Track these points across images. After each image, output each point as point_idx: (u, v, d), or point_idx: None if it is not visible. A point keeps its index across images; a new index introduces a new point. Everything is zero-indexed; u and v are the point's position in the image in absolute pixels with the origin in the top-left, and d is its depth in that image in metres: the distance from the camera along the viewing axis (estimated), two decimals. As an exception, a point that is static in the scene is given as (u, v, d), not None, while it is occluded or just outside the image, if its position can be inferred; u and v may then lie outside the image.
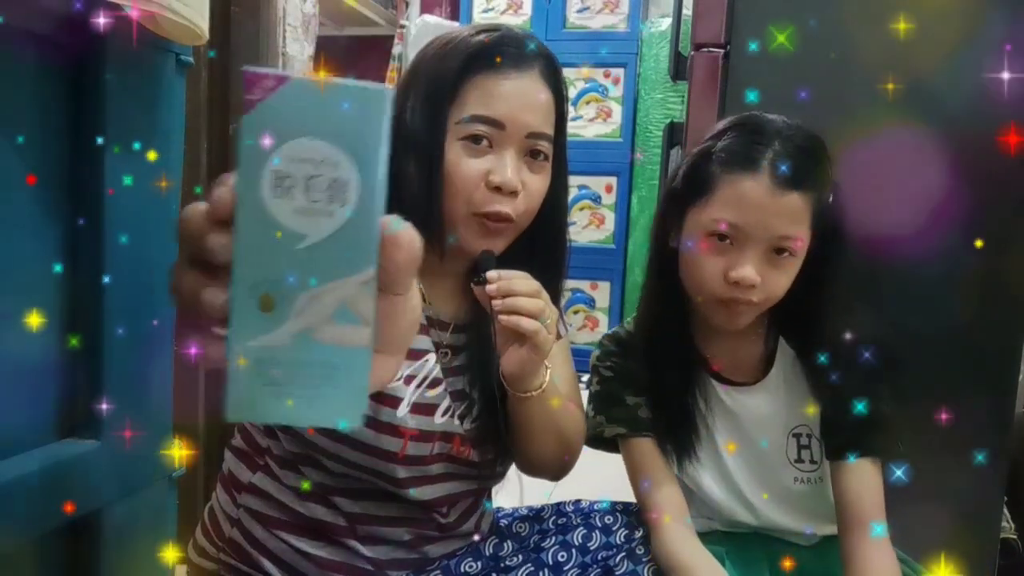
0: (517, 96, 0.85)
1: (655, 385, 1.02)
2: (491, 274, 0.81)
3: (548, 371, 0.88)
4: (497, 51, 0.85)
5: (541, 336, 0.81)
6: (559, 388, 0.92)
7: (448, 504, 0.91)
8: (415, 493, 0.87)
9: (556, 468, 0.97)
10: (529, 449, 0.93)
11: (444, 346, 0.91)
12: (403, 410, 0.84)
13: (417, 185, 0.84)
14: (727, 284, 0.92)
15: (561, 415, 0.92)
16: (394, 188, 0.84)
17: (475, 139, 0.84)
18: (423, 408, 0.86)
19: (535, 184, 0.87)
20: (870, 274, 1.29)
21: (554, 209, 0.92)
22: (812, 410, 0.99)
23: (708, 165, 0.95)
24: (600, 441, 1.05)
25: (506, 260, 0.86)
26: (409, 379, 0.85)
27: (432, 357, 0.88)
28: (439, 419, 0.87)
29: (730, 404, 1.01)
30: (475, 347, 0.93)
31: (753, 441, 1.01)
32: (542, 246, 0.93)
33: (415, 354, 0.87)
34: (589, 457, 1.03)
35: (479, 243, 0.86)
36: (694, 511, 1.02)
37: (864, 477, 0.96)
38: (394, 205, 0.87)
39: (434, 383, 0.87)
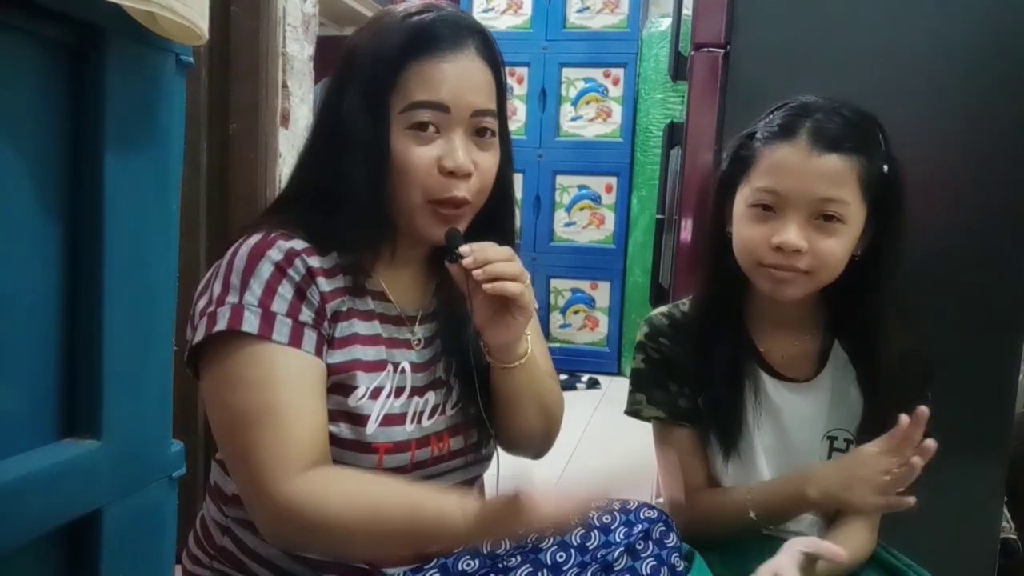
0: (458, 76, 0.84)
1: (704, 372, 1.02)
2: (463, 248, 0.82)
3: (528, 338, 0.90)
4: (432, 33, 0.84)
5: (527, 296, 0.83)
6: (539, 361, 0.94)
7: None
8: None
9: (540, 441, 0.99)
10: (514, 423, 0.94)
11: (416, 338, 0.91)
12: (372, 426, 0.83)
13: (365, 181, 0.83)
14: (772, 251, 0.92)
15: (543, 384, 0.94)
16: (338, 185, 0.84)
17: (421, 126, 0.83)
18: (393, 419, 0.85)
19: (486, 161, 0.87)
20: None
21: (502, 183, 0.92)
22: (854, 415, 0.99)
23: (751, 143, 0.97)
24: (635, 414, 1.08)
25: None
26: (376, 392, 0.85)
27: (390, 367, 0.87)
28: (409, 427, 0.86)
29: (777, 400, 1.01)
30: (446, 332, 0.93)
31: (789, 439, 1.00)
32: (495, 221, 0.92)
33: (376, 366, 0.86)
34: (588, 456, 1.03)
35: (437, 230, 0.85)
36: None
37: None
38: (340, 204, 0.86)
39: (398, 392, 0.87)
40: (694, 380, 1.02)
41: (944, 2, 1.30)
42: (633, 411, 1.07)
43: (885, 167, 0.95)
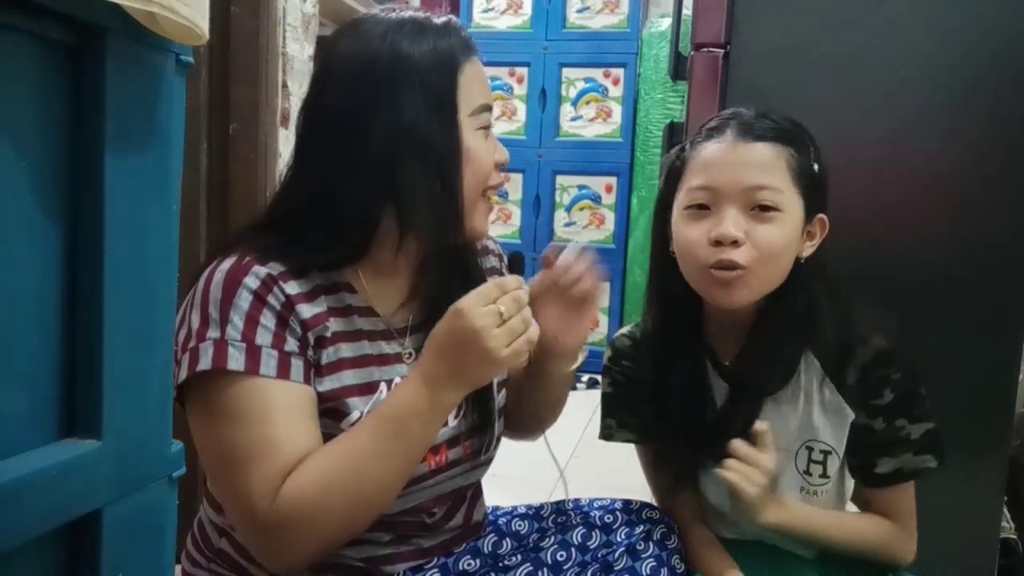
0: (485, 76, 0.90)
1: (667, 388, 1.01)
2: (566, 255, 0.90)
3: None
4: (466, 35, 0.88)
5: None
6: None
7: (433, 506, 0.91)
8: (396, 505, 0.86)
9: (546, 428, 1.04)
10: (539, 421, 1.01)
11: (407, 351, 0.90)
12: None
13: (440, 184, 0.84)
14: (712, 247, 0.90)
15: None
16: (404, 193, 0.83)
17: (486, 126, 0.88)
18: None
19: None
20: (870, 274, 1.29)
21: None
22: (830, 424, 0.97)
23: (682, 154, 0.98)
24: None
25: None
26: None
27: (383, 387, 0.86)
28: None
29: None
30: None
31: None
32: None
33: (368, 388, 0.85)
34: (588, 456, 1.03)
35: (486, 223, 0.91)
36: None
37: (899, 496, 0.99)
38: (406, 210, 0.84)
39: None
40: (659, 397, 1.02)
41: (944, 2, 1.30)
42: (605, 436, 1.07)
43: (816, 165, 0.95)
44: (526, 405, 1.00)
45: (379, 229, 0.85)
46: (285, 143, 1.71)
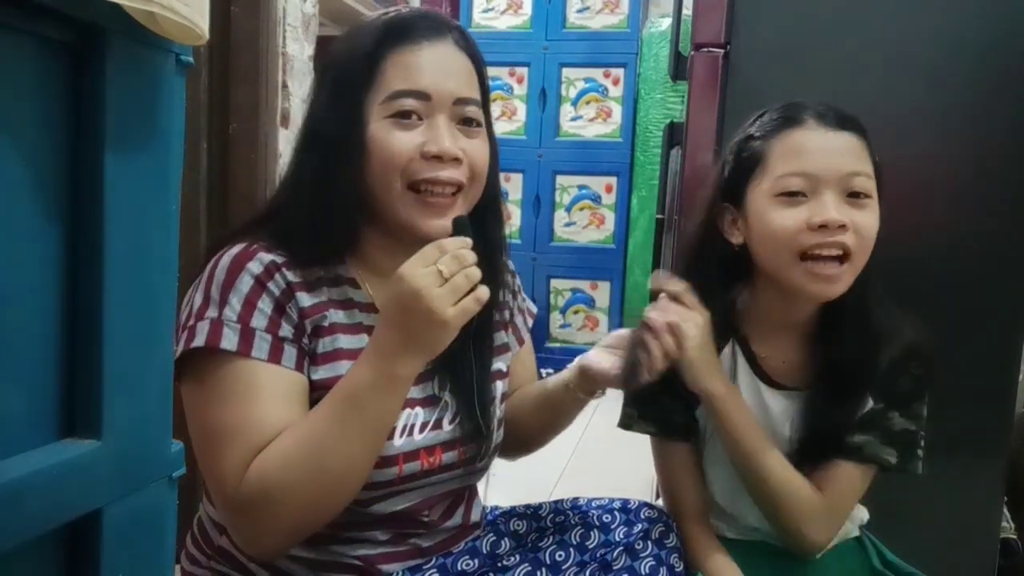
0: (437, 64, 0.83)
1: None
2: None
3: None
4: (408, 23, 0.84)
5: None
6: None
7: (428, 507, 0.91)
8: (387, 506, 0.86)
9: (531, 452, 1.06)
10: (544, 441, 1.03)
11: None
12: None
13: (343, 177, 0.82)
14: (814, 233, 0.89)
15: None
16: (318, 189, 0.84)
17: (403, 115, 0.82)
18: None
19: (477, 150, 0.86)
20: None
21: (491, 181, 0.91)
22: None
23: (752, 143, 0.95)
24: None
25: None
26: None
27: None
28: (399, 441, 0.85)
29: (774, 408, 0.99)
30: None
31: (782, 445, 0.99)
32: (485, 220, 0.91)
33: None
34: (588, 455, 1.03)
35: (424, 221, 0.83)
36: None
37: (843, 474, 0.97)
38: (322, 208, 0.83)
39: None
40: (686, 395, 1.00)
41: (945, 2, 1.30)
42: (625, 424, 1.06)
43: (876, 156, 0.95)
44: (534, 422, 1.01)
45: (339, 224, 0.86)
46: (285, 143, 1.71)
